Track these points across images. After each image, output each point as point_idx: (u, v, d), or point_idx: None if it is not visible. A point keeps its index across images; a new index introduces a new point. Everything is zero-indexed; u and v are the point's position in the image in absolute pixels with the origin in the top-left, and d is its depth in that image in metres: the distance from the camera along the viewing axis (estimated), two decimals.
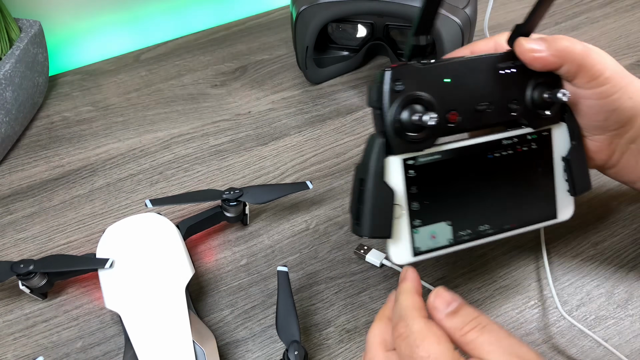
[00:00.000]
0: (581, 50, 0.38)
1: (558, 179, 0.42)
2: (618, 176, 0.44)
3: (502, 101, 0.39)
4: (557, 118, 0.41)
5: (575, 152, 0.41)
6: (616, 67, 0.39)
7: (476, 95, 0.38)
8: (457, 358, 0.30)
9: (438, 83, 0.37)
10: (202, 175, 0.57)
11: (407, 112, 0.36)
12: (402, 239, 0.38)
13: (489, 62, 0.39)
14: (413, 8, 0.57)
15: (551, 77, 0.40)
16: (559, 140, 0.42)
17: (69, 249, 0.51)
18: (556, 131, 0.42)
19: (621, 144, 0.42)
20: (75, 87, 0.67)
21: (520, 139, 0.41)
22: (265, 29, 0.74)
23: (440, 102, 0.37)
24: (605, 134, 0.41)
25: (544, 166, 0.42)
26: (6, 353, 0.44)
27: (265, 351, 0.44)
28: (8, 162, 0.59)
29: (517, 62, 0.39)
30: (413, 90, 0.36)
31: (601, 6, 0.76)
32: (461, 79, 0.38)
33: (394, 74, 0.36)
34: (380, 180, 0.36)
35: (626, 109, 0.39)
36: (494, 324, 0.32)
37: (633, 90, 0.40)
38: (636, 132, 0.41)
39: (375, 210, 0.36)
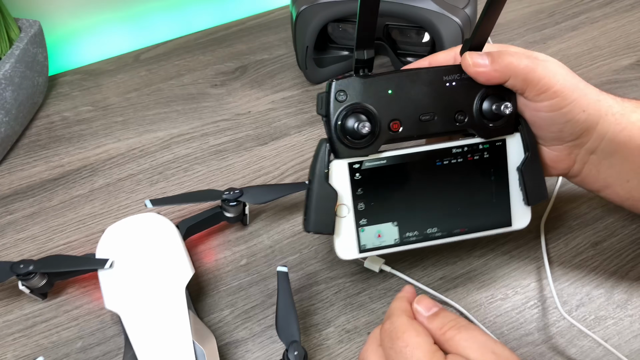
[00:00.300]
0: (525, 65, 0.39)
1: (513, 188, 0.43)
2: (583, 184, 0.45)
3: (448, 112, 0.41)
4: (511, 129, 0.42)
5: (528, 163, 0.42)
6: (567, 80, 0.39)
7: (419, 106, 0.40)
8: (435, 350, 0.32)
9: (380, 94, 0.40)
10: (202, 175, 0.57)
11: (350, 120, 0.39)
12: (348, 237, 0.41)
13: (435, 74, 0.41)
14: (413, 8, 0.57)
15: (502, 89, 0.41)
16: (513, 151, 0.43)
17: (68, 249, 0.51)
18: (510, 142, 0.42)
19: (581, 154, 0.42)
20: (75, 87, 0.67)
21: (472, 148, 0.42)
22: (265, 28, 0.74)
23: (382, 111, 0.40)
24: (563, 145, 0.42)
25: (497, 175, 0.43)
26: (6, 353, 0.44)
27: (265, 351, 0.44)
28: (8, 162, 0.59)
29: (464, 75, 0.41)
30: (355, 101, 0.39)
31: (601, 6, 0.76)
32: (403, 90, 0.40)
33: (337, 85, 0.39)
34: (323, 182, 0.40)
35: (579, 122, 0.40)
36: (471, 325, 0.34)
37: (586, 103, 0.40)
38: (594, 143, 0.41)
39: (318, 209, 0.40)
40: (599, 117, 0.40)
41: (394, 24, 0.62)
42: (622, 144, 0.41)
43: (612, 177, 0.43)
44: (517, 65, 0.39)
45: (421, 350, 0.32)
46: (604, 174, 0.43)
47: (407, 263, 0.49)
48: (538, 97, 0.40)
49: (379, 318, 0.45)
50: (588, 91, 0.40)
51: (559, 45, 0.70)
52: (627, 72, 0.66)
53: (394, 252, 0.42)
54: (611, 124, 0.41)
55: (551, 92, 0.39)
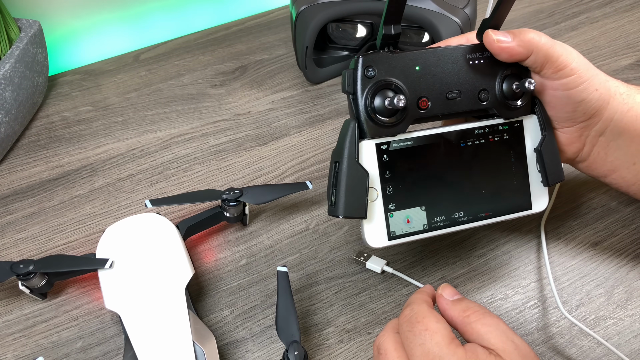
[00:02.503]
0: (546, 41, 0.40)
1: (531, 170, 0.43)
2: (589, 170, 0.46)
3: (472, 90, 0.41)
4: (528, 110, 0.43)
5: (546, 143, 0.43)
6: (581, 60, 0.41)
7: (446, 84, 0.40)
8: (453, 337, 0.32)
9: (409, 70, 0.39)
10: (202, 175, 0.57)
11: (378, 97, 0.38)
12: (378, 223, 0.39)
13: (458, 52, 0.40)
14: (413, 8, 0.57)
15: (520, 69, 0.41)
16: (531, 132, 0.43)
17: (68, 249, 0.51)
18: (527, 123, 0.43)
19: (590, 136, 0.43)
20: (74, 87, 0.67)
21: (493, 129, 0.42)
22: (264, 28, 0.74)
23: (411, 88, 0.39)
24: (575, 126, 0.43)
25: (516, 157, 0.43)
26: (6, 353, 0.44)
27: (265, 351, 0.44)
28: (8, 162, 0.59)
29: (485, 54, 0.41)
30: (384, 77, 0.38)
31: (601, 6, 0.76)
32: (431, 67, 0.40)
33: (366, 61, 0.38)
34: (354, 161, 0.38)
35: (592, 100, 0.41)
36: (493, 314, 0.34)
37: (598, 82, 0.41)
38: (604, 124, 0.42)
39: (349, 190, 0.38)
40: (609, 96, 0.42)
41: None
42: (629, 124, 0.42)
43: (619, 159, 0.44)
44: (539, 41, 0.40)
45: (440, 335, 0.32)
46: (611, 157, 0.44)
47: (407, 263, 0.49)
48: (556, 74, 0.40)
49: (379, 318, 0.45)
50: (598, 72, 0.42)
51: None
52: (627, 72, 0.66)
53: (422, 239, 0.41)
54: (619, 104, 0.42)
55: (569, 69, 0.40)
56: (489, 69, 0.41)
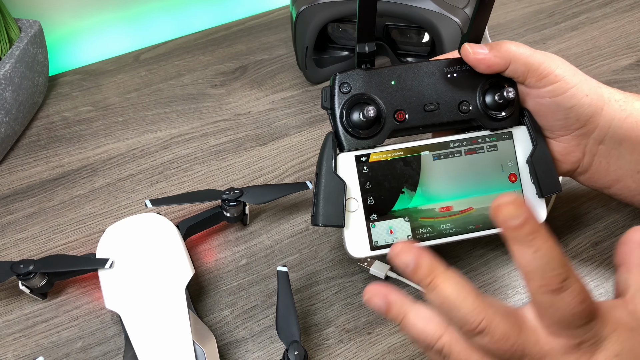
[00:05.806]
0: (524, 51, 0.40)
1: (525, 182, 0.43)
2: (592, 181, 0.45)
3: (451, 102, 0.41)
4: (515, 121, 0.42)
5: (537, 153, 0.42)
6: (566, 66, 0.40)
7: (423, 96, 0.41)
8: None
9: (384, 85, 0.40)
10: (202, 175, 0.57)
11: (355, 111, 0.40)
12: (359, 233, 0.40)
13: (435, 66, 0.41)
14: (413, 8, 0.57)
15: (504, 81, 0.41)
16: (521, 143, 0.43)
17: (68, 249, 0.51)
18: (517, 134, 0.43)
19: (589, 144, 0.42)
20: (75, 87, 0.67)
21: (479, 141, 0.42)
22: (264, 29, 0.74)
23: (387, 101, 0.40)
24: (571, 134, 0.42)
25: (507, 169, 0.42)
26: (6, 353, 0.44)
27: (265, 351, 0.44)
28: (8, 162, 0.59)
29: (465, 67, 0.41)
30: (359, 91, 0.40)
31: (601, 6, 0.76)
32: (407, 81, 0.41)
33: (341, 78, 0.40)
34: (331, 172, 0.39)
35: (584, 106, 0.40)
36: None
37: (588, 87, 0.40)
38: (601, 131, 0.41)
39: (327, 199, 0.39)
40: (603, 102, 0.41)
41: (393, 24, 0.62)
42: (629, 131, 0.41)
43: (622, 168, 0.42)
44: (516, 50, 0.40)
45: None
46: (614, 166, 0.42)
47: None
48: (540, 82, 0.40)
49: (379, 318, 0.45)
50: (588, 78, 0.41)
51: (558, 46, 0.70)
52: (626, 72, 0.66)
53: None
54: (616, 111, 0.41)
55: (552, 76, 0.40)
56: (469, 81, 0.41)
